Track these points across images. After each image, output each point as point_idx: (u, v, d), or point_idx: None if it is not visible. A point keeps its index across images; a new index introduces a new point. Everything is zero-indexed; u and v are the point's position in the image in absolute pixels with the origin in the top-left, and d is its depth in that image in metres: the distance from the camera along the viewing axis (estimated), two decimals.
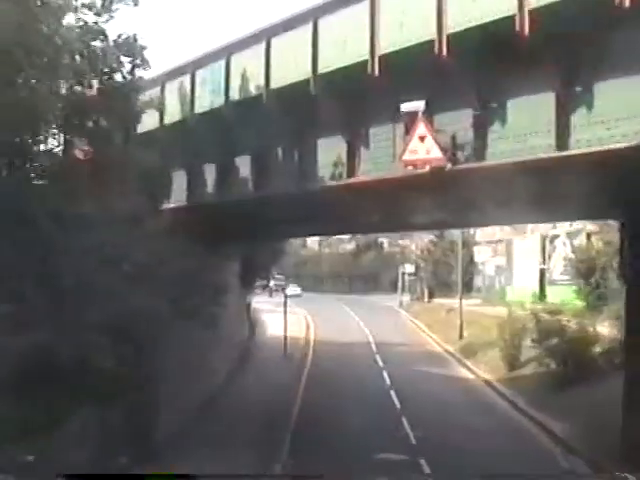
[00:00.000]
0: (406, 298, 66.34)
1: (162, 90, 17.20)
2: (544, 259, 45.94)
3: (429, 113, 11.58)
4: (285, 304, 37.37)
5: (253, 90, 14.42)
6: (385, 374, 30.00)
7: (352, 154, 13.27)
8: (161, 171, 16.99)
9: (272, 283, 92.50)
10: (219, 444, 16.55)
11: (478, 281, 59.63)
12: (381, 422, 21.81)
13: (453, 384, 29.18)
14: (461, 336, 38.69)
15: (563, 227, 45.13)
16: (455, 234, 64.65)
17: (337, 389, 25.92)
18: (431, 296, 63.41)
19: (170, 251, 16.84)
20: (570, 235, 42.95)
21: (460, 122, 11.49)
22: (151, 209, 16.97)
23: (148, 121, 17.59)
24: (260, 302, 63.07)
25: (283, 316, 37.51)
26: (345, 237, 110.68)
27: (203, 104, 15.88)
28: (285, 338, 35.16)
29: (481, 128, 11.27)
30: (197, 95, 15.99)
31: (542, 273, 45.68)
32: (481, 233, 63.00)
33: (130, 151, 16.07)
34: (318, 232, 32.03)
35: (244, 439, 18.06)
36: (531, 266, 46.86)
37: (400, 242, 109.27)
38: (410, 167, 12.01)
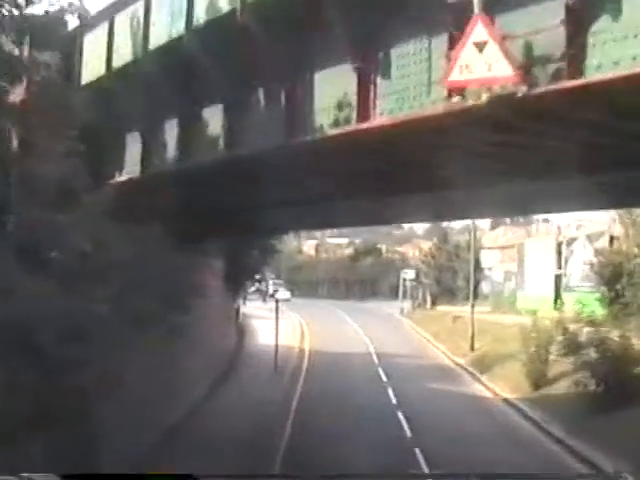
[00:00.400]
0: (407, 305, 62.14)
1: (111, 26, 12.91)
2: (560, 264, 41.65)
3: (490, 8, 7.30)
4: (277, 310, 32.87)
5: (225, 5, 10.11)
6: (390, 391, 25.54)
7: (365, 88, 8.87)
8: (108, 128, 12.71)
9: (271, 288, 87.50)
10: None
11: (485, 287, 55.30)
12: (390, 455, 17.39)
13: (470, 404, 24.72)
14: (473, 347, 34.29)
15: (582, 229, 41.09)
16: (461, 239, 60.46)
17: (335, 411, 21.46)
18: (434, 303, 59.10)
19: (118, 239, 12.53)
20: (591, 238, 38.74)
21: (540, 20, 7.17)
22: (95, 179, 12.66)
23: (93, 68, 13.35)
24: (253, 307, 59.09)
25: (275, 324, 33.04)
26: (343, 241, 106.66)
27: (160, 36, 11.54)
28: (276, 349, 30.71)
29: (576, 28, 6.96)
30: (152, 22, 11.66)
31: (558, 279, 41.39)
32: (487, 237, 58.88)
33: (64, 94, 11.84)
34: (318, 223, 27.15)
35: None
36: (545, 271, 42.62)
37: (399, 249, 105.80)
38: (457, 97, 7.71)
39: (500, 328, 36.35)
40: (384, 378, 28.04)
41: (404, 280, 66.27)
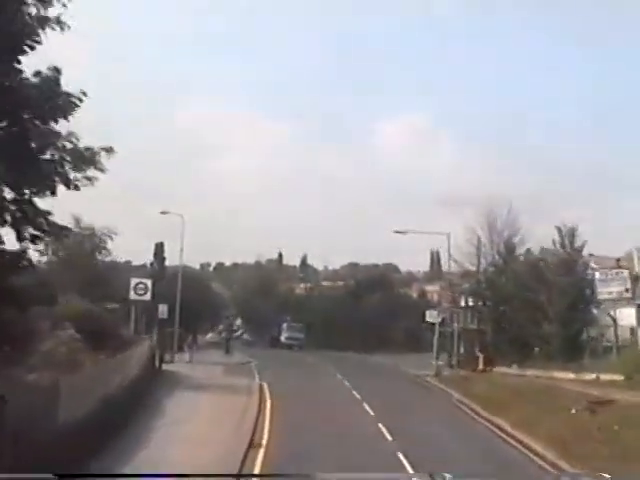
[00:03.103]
0: (440, 363, 36.68)
1: None
2: None
3: None
4: None
5: None
6: None
7: None
8: None
9: (284, 334, 58.97)
10: None
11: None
12: None
13: None
14: None
15: None
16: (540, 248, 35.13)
17: None
18: (489, 362, 33.69)
19: None
20: None
21: None
22: None
23: None
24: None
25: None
26: (339, 284, 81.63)
27: None
28: None
29: None
30: None
31: None
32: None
33: None
34: None
35: None
36: None
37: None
38: None
39: None
40: None
41: (434, 324, 40.87)
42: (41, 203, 16.22)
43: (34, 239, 16.48)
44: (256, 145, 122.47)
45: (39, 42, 14.28)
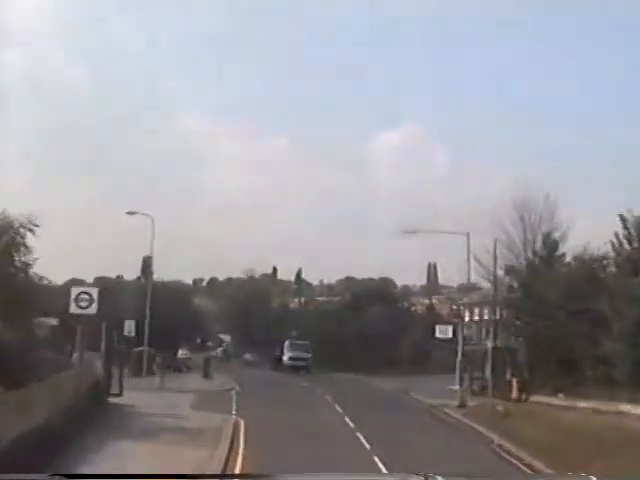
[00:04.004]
0: (456, 387, 29.71)
1: None
2: None
3: None
4: None
5: None
6: None
7: None
8: None
9: (287, 352, 50.31)
10: None
11: None
12: None
13: None
14: None
15: None
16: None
17: None
18: (523, 388, 26.55)
19: None
20: None
21: None
22: None
23: None
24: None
25: None
26: (334, 299, 74.99)
27: None
28: None
29: None
30: None
31: None
32: None
33: None
34: None
35: None
36: None
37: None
38: None
39: None
40: None
41: (450, 341, 33.80)
42: None
43: None
44: (250, 159, 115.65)
45: None
